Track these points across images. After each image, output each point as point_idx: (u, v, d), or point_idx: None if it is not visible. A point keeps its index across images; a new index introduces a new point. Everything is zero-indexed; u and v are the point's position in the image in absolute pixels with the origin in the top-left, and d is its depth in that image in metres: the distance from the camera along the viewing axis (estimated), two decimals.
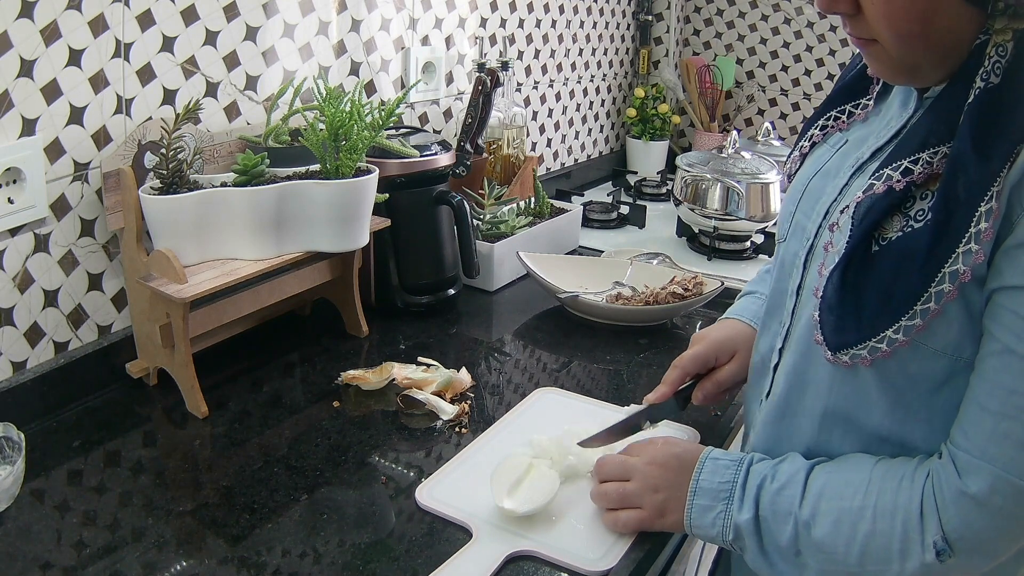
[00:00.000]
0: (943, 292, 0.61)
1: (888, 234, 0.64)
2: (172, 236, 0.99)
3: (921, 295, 0.61)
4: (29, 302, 0.99)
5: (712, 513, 0.76)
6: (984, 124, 0.60)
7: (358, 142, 1.09)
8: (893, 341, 0.64)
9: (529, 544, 0.80)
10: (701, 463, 0.79)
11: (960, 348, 0.64)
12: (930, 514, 0.64)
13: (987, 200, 0.58)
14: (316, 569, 0.78)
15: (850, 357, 0.67)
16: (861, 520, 0.68)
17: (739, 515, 0.74)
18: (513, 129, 1.79)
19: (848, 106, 0.79)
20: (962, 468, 0.63)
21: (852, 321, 0.66)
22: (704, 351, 0.96)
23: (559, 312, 1.40)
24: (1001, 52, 0.59)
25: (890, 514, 0.66)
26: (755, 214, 1.69)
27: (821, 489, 0.71)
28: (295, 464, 0.94)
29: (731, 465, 0.78)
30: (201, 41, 1.13)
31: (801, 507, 0.71)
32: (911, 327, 0.63)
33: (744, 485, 0.75)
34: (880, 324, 0.64)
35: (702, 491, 0.77)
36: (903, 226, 0.64)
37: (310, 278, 1.21)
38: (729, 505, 0.76)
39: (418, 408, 1.06)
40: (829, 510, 0.69)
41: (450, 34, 1.64)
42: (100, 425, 1.00)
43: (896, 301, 0.63)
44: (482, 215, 1.52)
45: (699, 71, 2.39)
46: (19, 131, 0.94)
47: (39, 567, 0.76)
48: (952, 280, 0.60)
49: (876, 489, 0.68)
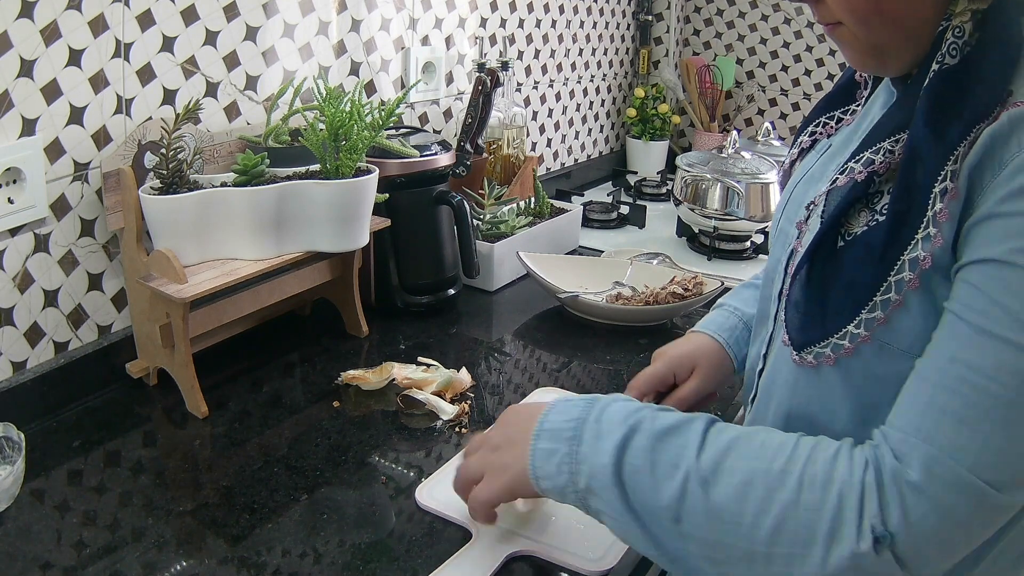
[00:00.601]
0: (903, 281, 0.58)
1: (854, 229, 0.62)
2: (172, 236, 0.99)
3: (880, 285, 0.59)
4: (29, 302, 0.99)
5: (556, 457, 0.65)
6: (939, 106, 0.58)
7: (358, 142, 1.09)
8: (856, 337, 0.61)
9: (529, 544, 0.80)
10: (549, 407, 0.69)
11: (924, 341, 0.59)
12: (870, 494, 0.55)
13: (941, 180, 0.56)
14: (316, 569, 0.78)
15: (814, 356, 0.64)
16: (781, 487, 0.57)
17: (594, 458, 0.63)
18: (513, 129, 1.79)
19: (837, 112, 0.78)
20: (897, 448, 0.56)
21: (817, 318, 0.63)
22: (660, 369, 0.91)
23: (559, 312, 1.40)
24: (958, 33, 0.58)
25: (821, 485, 0.56)
26: (755, 214, 1.69)
27: (729, 443, 0.61)
28: (295, 464, 0.94)
29: (584, 404, 0.67)
30: (201, 41, 1.13)
31: (699, 458, 0.60)
32: (872, 320, 0.60)
33: (599, 421, 0.65)
34: (842, 319, 0.61)
35: (545, 433, 0.66)
36: (868, 220, 0.62)
37: (310, 278, 1.21)
38: (579, 445, 0.64)
39: (418, 408, 1.06)
40: (737, 468, 0.59)
41: (450, 34, 1.64)
42: (100, 425, 1.00)
43: (856, 293, 0.60)
44: (482, 215, 1.52)
45: (699, 71, 2.39)
46: (19, 131, 0.94)
47: (39, 567, 0.76)
48: (912, 268, 0.58)
49: (804, 455, 0.59)
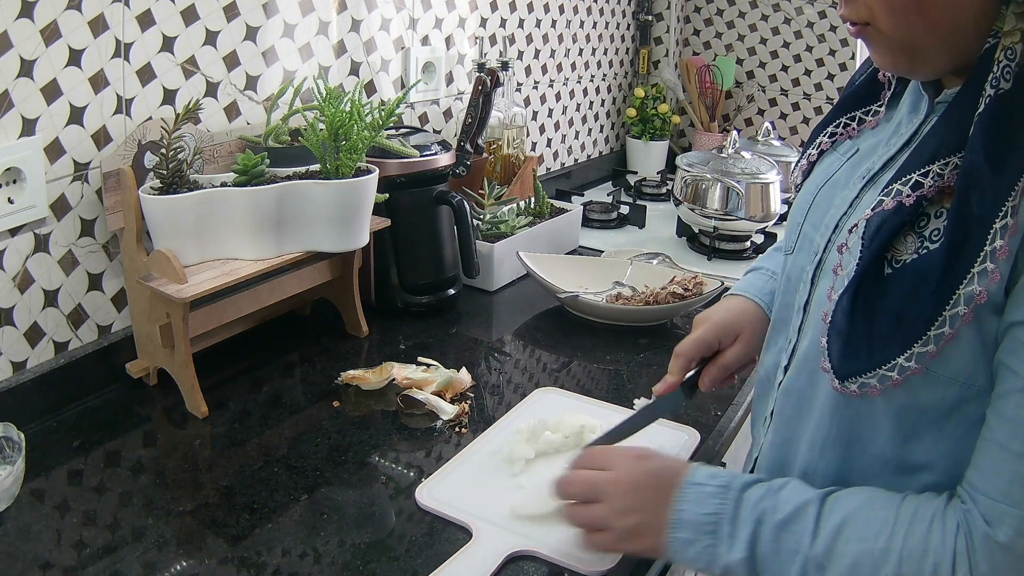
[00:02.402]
0: (958, 315, 0.57)
1: (902, 256, 0.61)
2: (172, 236, 0.99)
3: (935, 319, 0.58)
4: (29, 302, 0.99)
5: (695, 547, 0.68)
6: (997, 134, 0.56)
7: (358, 142, 1.09)
8: (905, 369, 0.60)
9: (529, 544, 0.80)
10: (682, 490, 0.70)
11: (973, 376, 0.60)
12: (961, 560, 0.59)
13: (1002, 216, 0.55)
14: (316, 569, 0.78)
15: (859, 386, 0.63)
16: (885, 563, 0.61)
17: (730, 554, 0.67)
18: (513, 129, 1.79)
19: (858, 112, 0.76)
20: (987, 514, 0.59)
21: (862, 348, 0.62)
22: (705, 335, 0.90)
23: (559, 312, 1.40)
24: (1010, 55, 0.57)
25: (919, 557, 0.60)
26: (755, 214, 1.69)
27: (840, 526, 0.64)
28: (295, 464, 0.94)
29: (717, 493, 0.69)
30: (201, 41, 1.13)
31: (813, 545, 0.64)
32: (924, 354, 0.59)
33: (734, 519, 0.67)
34: (891, 351, 0.60)
35: (683, 523, 0.69)
36: (918, 247, 0.61)
37: (310, 278, 1.21)
38: (717, 541, 0.67)
39: (418, 408, 1.06)
40: (848, 551, 0.62)
41: (450, 34, 1.64)
42: (100, 425, 1.00)
43: (908, 326, 0.59)
44: (482, 215, 1.52)
45: (699, 71, 2.39)
46: (19, 131, 0.94)
47: (39, 567, 0.76)
48: (967, 303, 0.57)
49: (904, 530, 0.61)
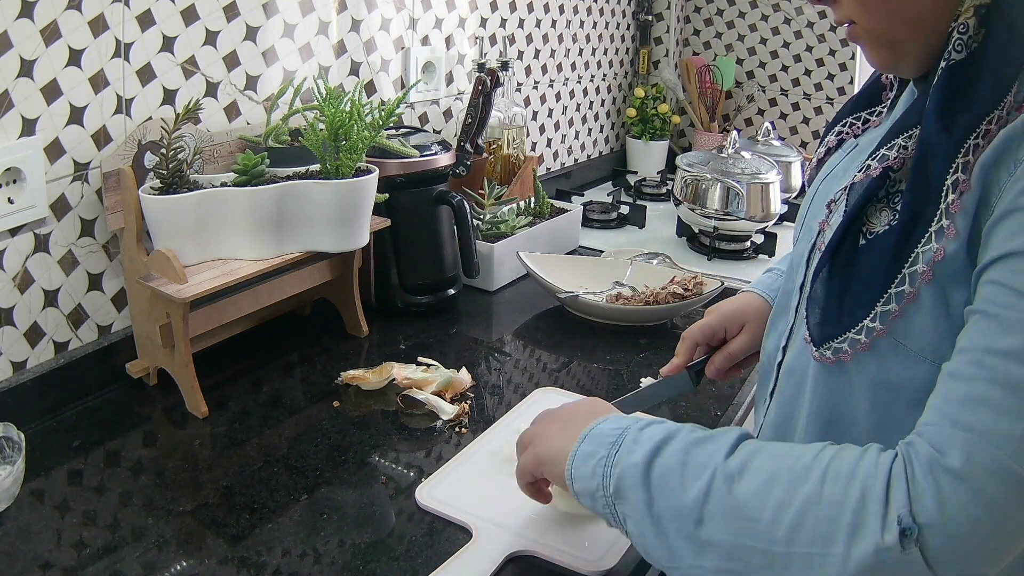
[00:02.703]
0: (917, 273, 0.60)
1: (875, 228, 0.64)
2: (172, 236, 0.99)
3: (895, 276, 0.61)
4: (29, 302, 0.99)
5: (594, 459, 0.66)
6: (947, 100, 0.59)
7: (358, 142, 1.09)
8: (871, 331, 0.62)
9: (529, 544, 0.80)
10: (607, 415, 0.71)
11: (939, 350, 0.60)
12: (898, 483, 0.53)
13: (952, 172, 0.58)
14: (316, 569, 0.78)
15: (832, 352, 0.65)
16: (803, 481, 0.56)
17: (627, 457, 0.64)
18: (513, 129, 1.79)
19: (863, 113, 0.80)
20: (935, 441, 0.54)
21: (834, 314, 0.65)
22: (711, 322, 0.95)
23: (559, 312, 1.40)
24: (963, 30, 0.60)
25: (845, 478, 0.55)
26: (755, 214, 1.70)
27: (759, 447, 0.62)
28: (295, 464, 0.94)
29: (636, 418, 0.69)
30: (201, 41, 1.13)
31: (727, 459, 0.60)
32: (887, 312, 0.61)
33: (642, 430, 0.66)
34: (859, 314, 0.63)
35: (591, 437, 0.68)
36: (890, 219, 0.63)
37: (310, 278, 1.21)
38: (616, 450, 0.65)
39: (418, 408, 1.06)
40: (763, 467, 0.59)
41: (450, 34, 1.64)
42: (100, 425, 1.00)
43: (873, 288, 0.62)
44: (482, 215, 1.52)
45: (699, 71, 2.39)
46: (19, 131, 0.94)
47: (39, 567, 0.76)
48: (926, 260, 0.59)
49: (831, 453, 0.58)
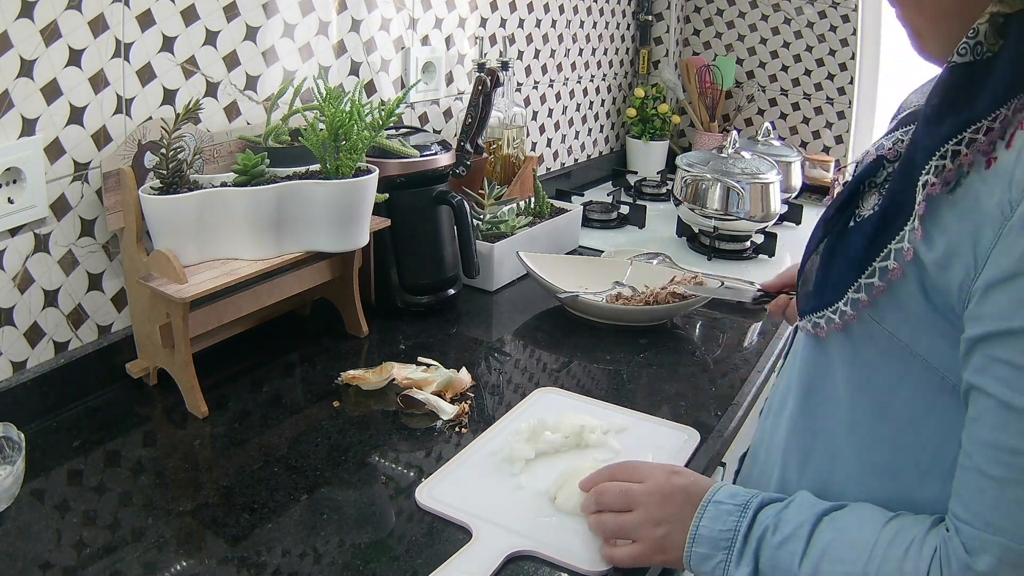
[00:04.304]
0: (887, 269, 0.62)
1: (863, 212, 0.67)
2: (172, 236, 0.99)
3: (880, 251, 0.63)
4: (29, 302, 0.99)
5: (711, 563, 0.73)
6: (941, 98, 0.60)
7: (358, 142, 1.09)
8: (845, 314, 0.65)
9: (529, 544, 0.80)
10: (703, 507, 0.75)
11: (914, 340, 0.63)
12: None
13: (925, 172, 0.59)
14: (316, 569, 0.78)
15: (812, 324, 0.69)
16: None
17: (736, 570, 0.71)
18: (513, 129, 1.79)
19: None
20: (968, 544, 0.58)
21: (819, 287, 0.69)
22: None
23: (559, 312, 1.40)
24: (972, 34, 0.59)
25: None
26: (755, 214, 1.70)
27: (825, 548, 0.67)
28: (295, 464, 0.94)
29: (734, 511, 0.74)
30: (201, 41, 1.13)
31: (801, 566, 0.67)
32: (857, 300, 0.64)
33: (746, 536, 0.72)
34: (836, 294, 0.66)
35: (701, 538, 0.74)
36: (875, 204, 0.66)
37: (310, 278, 1.21)
38: (729, 556, 0.72)
39: (418, 408, 1.06)
40: (831, 573, 0.66)
41: (450, 34, 1.64)
42: (100, 425, 1.00)
43: (850, 273, 0.65)
44: (482, 215, 1.52)
45: (699, 71, 2.39)
46: (19, 131, 0.94)
47: (39, 567, 0.76)
48: (897, 258, 0.61)
49: (881, 554, 0.64)
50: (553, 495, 0.87)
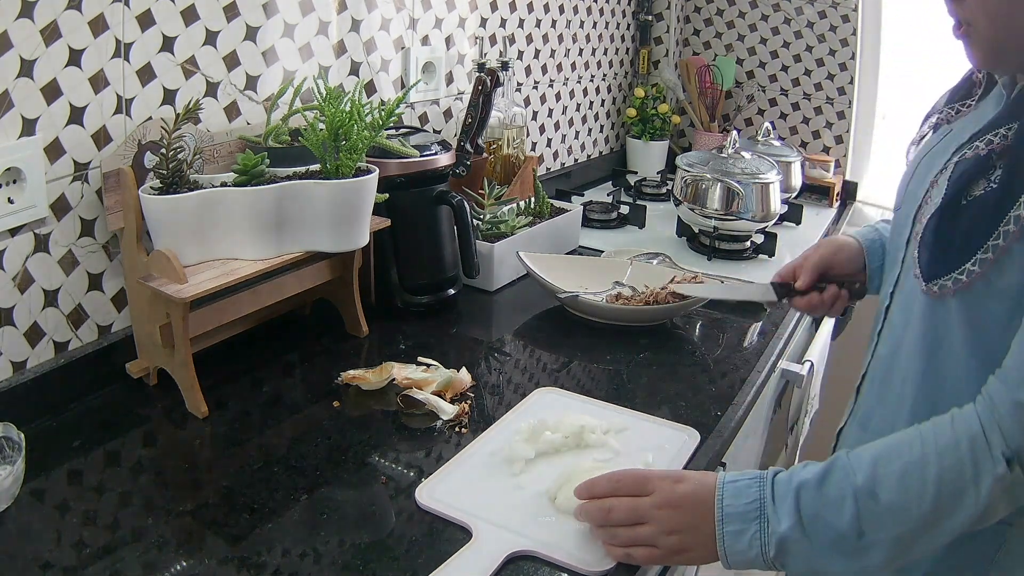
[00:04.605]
0: (1009, 232, 0.72)
1: (974, 192, 0.77)
2: (172, 236, 0.99)
3: (992, 233, 0.73)
4: (29, 302, 0.99)
5: (746, 537, 0.74)
6: None
7: (358, 142, 1.09)
8: (972, 273, 0.75)
9: (529, 544, 0.80)
10: (720, 489, 0.77)
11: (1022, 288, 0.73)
12: (991, 429, 0.69)
13: None
14: (316, 569, 0.78)
15: (939, 287, 0.78)
16: (927, 465, 0.71)
17: (779, 527, 0.73)
18: (513, 129, 1.79)
19: (957, 104, 0.93)
20: (1013, 382, 0.69)
21: (941, 257, 0.78)
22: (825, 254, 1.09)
23: (559, 312, 1.40)
24: None
25: (953, 447, 0.70)
26: (755, 214, 1.69)
27: (874, 457, 0.73)
28: (295, 464, 0.94)
29: (752, 483, 0.76)
30: (201, 41, 1.13)
31: (856, 480, 0.72)
32: (985, 260, 0.74)
33: (774, 498, 0.75)
34: (962, 258, 0.76)
35: (729, 516, 0.75)
36: (985, 187, 0.76)
37: (310, 278, 1.21)
38: (762, 522, 0.74)
39: (418, 408, 1.06)
40: (890, 472, 0.72)
41: (450, 34, 1.64)
42: (100, 425, 1.00)
43: (974, 241, 0.75)
44: (482, 215, 1.52)
45: (699, 71, 2.39)
46: (19, 131, 0.94)
47: (39, 567, 0.76)
48: (1016, 223, 0.71)
49: (931, 434, 0.72)
50: (553, 495, 0.87)
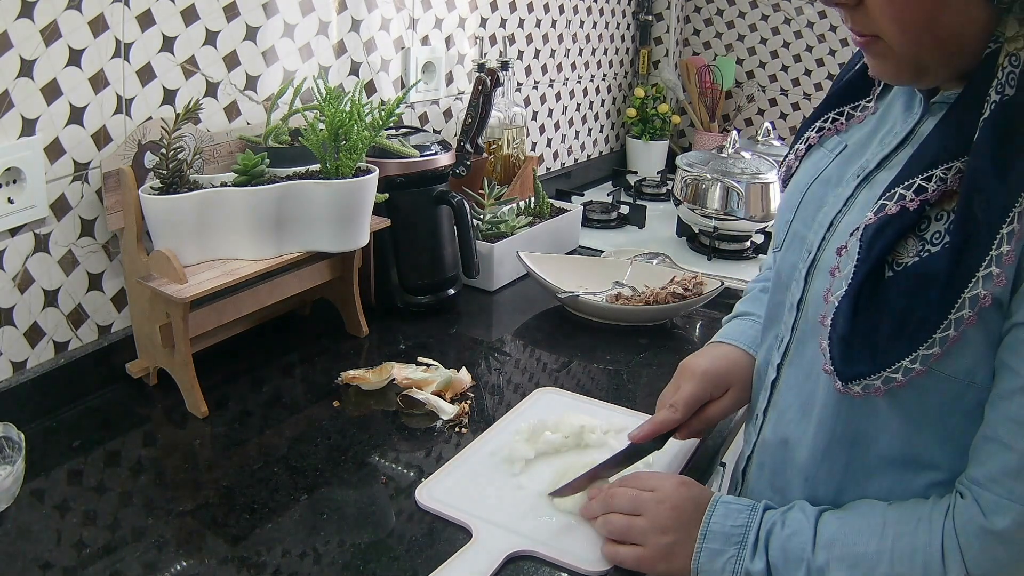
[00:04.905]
0: (963, 318, 0.58)
1: (903, 259, 0.62)
2: (172, 236, 0.99)
3: (940, 322, 0.59)
4: (29, 302, 0.99)
5: (723, 558, 0.73)
6: (1002, 140, 0.57)
7: (358, 142, 1.09)
8: (909, 371, 0.61)
9: (529, 544, 0.80)
10: (713, 505, 0.76)
11: (973, 373, 0.62)
12: (952, 553, 0.62)
13: (1008, 222, 0.56)
14: (316, 569, 0.78)
15: (862, 388, 0.64)
16: (879, 564, 0.65)
17: (751, 563, 0.71)
18: (513, 129, 1.79)
19: (847, 108, 0.77)
20: (987, 507, 0.61)
21: (865, 351, 0.63)
22: (699, 391, 0.88)
23: (559, 312, 1.40)
24: (1015, 62, 0.57)
25: (909, 557, 0.64)
26: (755, 214, 1.69)
27: (833, 535, 0.68)
28: (295, 464, 0.94)
29: (744, 509, 0.75)
30: (201, 41, 1.13)
31: (814, 554, 0.68)
32: (928, 356, 0.60)
33: (759, 531, 0.73)
34: (896, 353, 0.61)
35: (713, 534, 0.74)
36: (919, 250, 0.61)
37: (310, 278, 1.21)
38: (742, 551, 0.72)
39: (418, 408, 1.06)
40: (844, 556, 0.67)
41: (450, 34, 1.64)
42: (100, 425, 1.00)
43: (913, 328, 0.60)
44: (482, 215, 1.52)
45: (699, 71, 2.39)
46: (19, 131, 0.94)
47: (39, 567, 0.76)
48: (972, 306, 0.58)
49: (892, 532, 0.66)
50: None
